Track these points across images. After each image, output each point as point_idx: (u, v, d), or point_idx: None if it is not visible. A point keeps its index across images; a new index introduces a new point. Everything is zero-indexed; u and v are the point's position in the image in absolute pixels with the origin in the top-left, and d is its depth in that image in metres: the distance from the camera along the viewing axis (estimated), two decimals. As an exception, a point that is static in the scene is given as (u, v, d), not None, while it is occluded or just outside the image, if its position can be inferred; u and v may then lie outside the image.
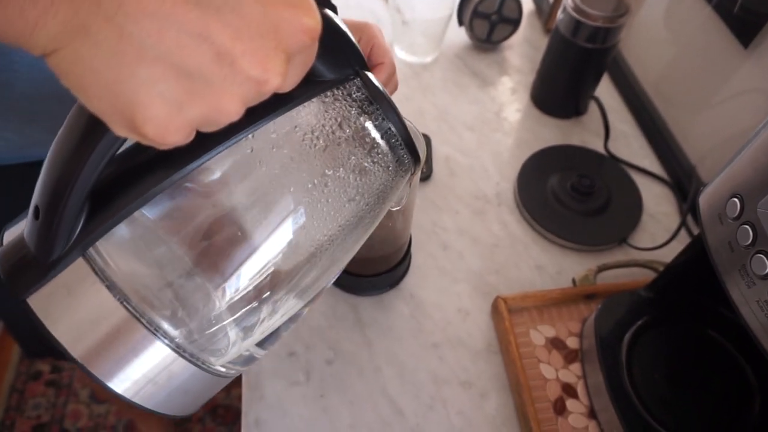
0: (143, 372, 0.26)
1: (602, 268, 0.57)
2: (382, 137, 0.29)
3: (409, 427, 0.49)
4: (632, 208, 0.64)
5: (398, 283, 0.57)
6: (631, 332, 0.49)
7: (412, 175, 0.32)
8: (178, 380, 0.27)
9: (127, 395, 0.26)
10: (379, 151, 0.29)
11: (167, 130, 0.18)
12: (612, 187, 0.65)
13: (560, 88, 0.72)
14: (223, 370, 0.30)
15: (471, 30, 0.79)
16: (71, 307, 0.24)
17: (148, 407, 0.27)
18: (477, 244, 0.61)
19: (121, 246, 0.26)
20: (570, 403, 0.50)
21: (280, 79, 0.19)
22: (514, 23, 0.79)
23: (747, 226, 0.30)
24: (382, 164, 0.30)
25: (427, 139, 0.69)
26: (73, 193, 0.22)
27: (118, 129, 0.19)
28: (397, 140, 0.30)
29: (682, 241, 0.62)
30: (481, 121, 0.73)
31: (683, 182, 0.66)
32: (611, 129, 0.72)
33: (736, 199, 0.32)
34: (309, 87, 0.26)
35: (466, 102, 0.75)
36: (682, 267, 0.49)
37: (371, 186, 0.30)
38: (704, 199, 0.36)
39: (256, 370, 0.51)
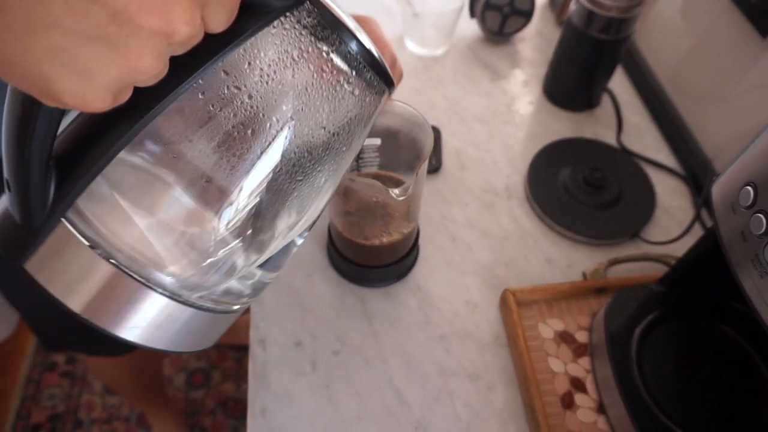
0: (145, 319, 0.27)
1: (613, 262, 0.57)
2: (343, 61, 0.28)
3: (415, 418, 0.48)
4: (645, 202, 0.63)
5: (406, 275, 0.57)
6: (642, 326, 0.49)
7: (388, 96, 0.31)
8: (180, 322, 0.29)
9: (137, 340, 0.27)
10: (343, 76, 0.28)
11: (85, 99, 0.18)
12: (624, 180, 0.64)
13: (572, 81, 0.71)
14: (224, 307, 0.31)
15: (483, 22, 0.78)
16: (63, 269, 0.25)
17: (159, 347, 0.29)
18: (486, 237, 0.60)
19: (105, 201, 0.26)
20: (578, 398, 0.49)
21: (188, 27, 0.18)
22: (527, 15, 0.78)
23: (760, 215, 0.30)
24: (348, 89, 0.29)
25: (437, 132, 0.69)
26: (32, 163, 0.22)
27: (44, 100, 0.18)
28: (361, 63, 0.28)
29: (696, 236, 0.60)
30: (492, 113, 0.72)
31: (698, 176, 0.65)
32: (624, 122, 0.71)
33: (749, 188, 0.31)
34: (252, 20, 0.23)
35: (477, 94, 0.75)
36: (695, 261, 0.48)
37: (341, 111, 0.29)
38: (717, 189, 0.35)
39: (262, 359, 0.51)
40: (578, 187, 0.62)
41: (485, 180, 0.65)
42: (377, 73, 0.29)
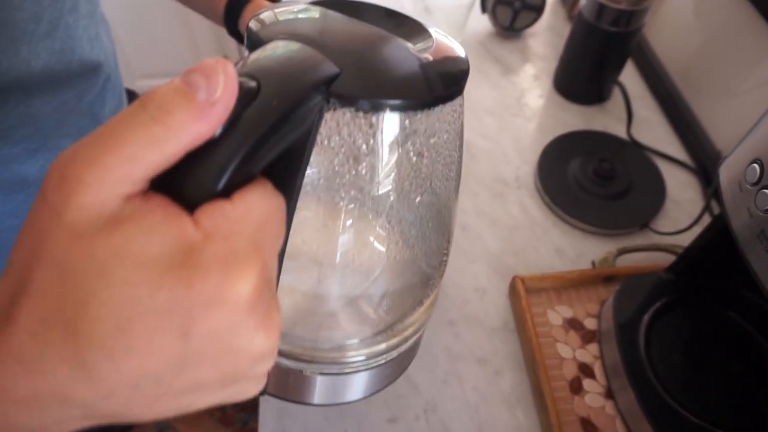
0: None
1: (622, 251, 0.57)
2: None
3: (424, 400, 0.49)
4: (655, 194, 0.63)
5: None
6: (651, 313, 0.49)
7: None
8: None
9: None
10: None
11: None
12: (634, 172, 0.64)
13: (583, 74, 0.71)
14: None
15: (494, 17, 0.79)
16: None
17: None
18: (496, 226, 0.61)
19: None
20: (587, 383, 0.49)
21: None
22: (538, 10, 0.78)
23: (767, 191, 0.30)
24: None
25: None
26: None
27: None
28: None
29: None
30: (502, 106, 0.73)
31: (708, 169, 0.65)
32: (634, 115, 0.71)
33: (756, 165, 0.31)
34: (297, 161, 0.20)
35: (487, 87, 0.75)
36: (703, 248, 0.48)
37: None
38: (724, 169, 0.35)
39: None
40: (588, 178, 0.63)
41: (495, 171, 0.66)
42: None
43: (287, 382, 0.34)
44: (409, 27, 0.26)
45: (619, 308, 0.50)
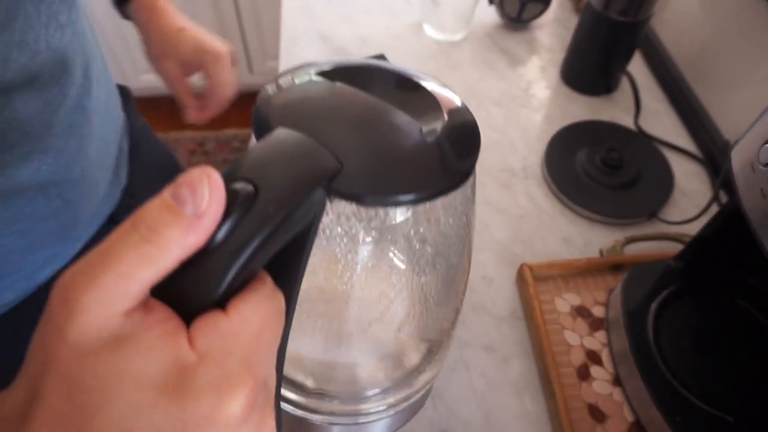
0: None
1: (630, 240, 0.57)
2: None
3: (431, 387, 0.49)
4: (663, 184, 0.63)
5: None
6: (659, 301, 0.49)
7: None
8: None
9: None
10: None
11: None
12: (642, 162, 0.64)
13: (591, 64, 0.71)
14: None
15: (501, 8, 0.79)
16: None
17: None
18: (503, 216, 0.61)
19: None
20: (594, 370, 0.49)
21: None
22: (545, 2, 0.78)
23: (780, 171, 0.30)
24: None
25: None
26: None
27: None
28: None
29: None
30: (509, 97, 0.73)
31: (717, 160, 0.65)
32: (642, 106, 0.71)
33: (769, 145, 0.31)
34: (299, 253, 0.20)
35: (494, 79, 0.75)
36: (712, 236, 0.48)
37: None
38: (736, 151, 0.35)
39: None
40: (596, 168, 0.62)
41: (502, 161, 0.66)
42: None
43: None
44: (419, 98, 0.25)
45: (627, 295, 0.50)
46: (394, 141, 0.22)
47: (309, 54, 0.77)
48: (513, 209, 0.61)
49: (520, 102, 0.72)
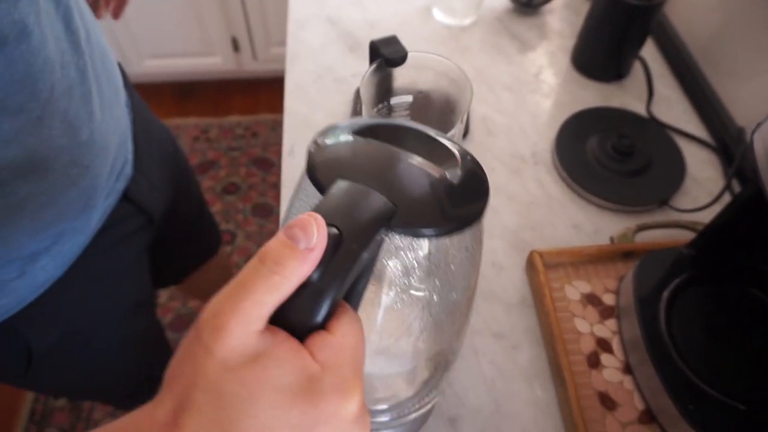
0: None
1: (642, 228, 0.56)
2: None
3: (441, 373, 0.49)
4: (675, 171, 0.62)
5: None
6: (671, 288, 0.48)
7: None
8: None
9: None
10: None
11: None
12: (653, 149, 0.63)
13: (602, 49, 0.70)
14: None
15: (511, -8, 0.78)
16: None
17: None
18: (513, 202, 0.60)
19: None
20: (604, 358, 0.49)
21: None
22: (556, -15, 0.77)
23: (805, 155, 0.29)
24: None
25: (464, 99, 0.69)
26: None
27: None
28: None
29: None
30: (520, 82, 0.72)
31: (730, 148, 0.64)
32: (654, 93, 0.70)
33: (794, 129, 0.30)
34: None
35: (504, 64, 0.74)
36: (725, 225, 0.47)
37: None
38: (759, 135, 0.34)
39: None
40: (606, 154, 0.62)
41: (512, 146, 0.65)
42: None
43: None
44: (440, 150, 0.29)
45: (639, 283, 0.49)
46: (427, 187, 0.26)
47: (316, 37, 0.76)
48: (523, 195, 0.61)
49: (530, 87, 0.71)
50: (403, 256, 0.28)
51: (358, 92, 0.69)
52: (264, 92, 1.89)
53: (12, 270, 0.46)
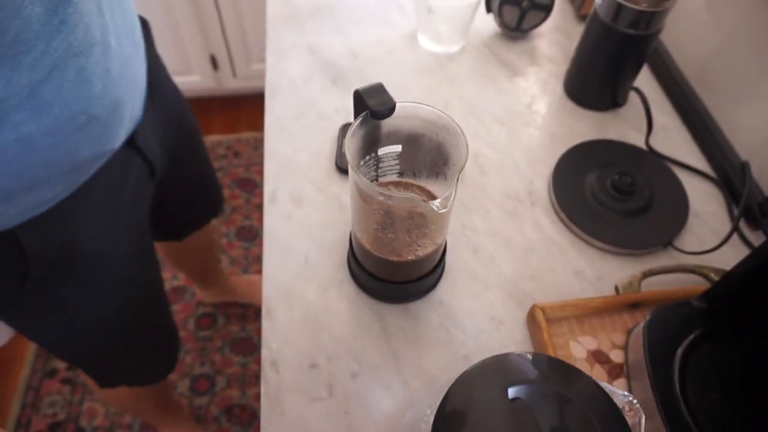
0: None
1: (647, 274, 0.53)
2: None
3: (441, 447, 0.45)
4: (677, 208, 0.59)
5: (432, 290, 0.53)
6: (684, 346, 0.45)
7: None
8: None
9: None
10: None
11: None
12: (654, 185, 0.60)
13: (597, 79, 0.67)
14: None
15: (500, 17, 0.74)
16: None
17: None
18: (510, 247, 0.57)
19: None
20: (615, 423, 0.46)
21: None
22: (546, 10, 0.74)
23: None
24: None
25: (455, 134, 0.65)
26: None
27: None
28: None
29: (733, 245, 0.57)
30: (512, 114, 0.69)
31: (732, 179, 0.61)
32: (653, 125, 0.67)
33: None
34: None
35: (494, 93, 0.71)
36: (742, 278, 0.44)
37: None
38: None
39: (275, 382, 0.48)
40: (606, 193, 0.59)
41: (507, 185, 0.62)
42: None
43: None
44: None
45: (649, 341, 0.46)
46: None
47: (297, 69, 0.72)
48: (520, 240, 0.57)
49: (523, 119, 0.68)
50: None
51: (342, 129, 0.65)
52: (245, 109, 1.84)
53: (19, 183, 0.47)
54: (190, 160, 0.81)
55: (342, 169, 0.61)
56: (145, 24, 0.64)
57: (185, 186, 0.83)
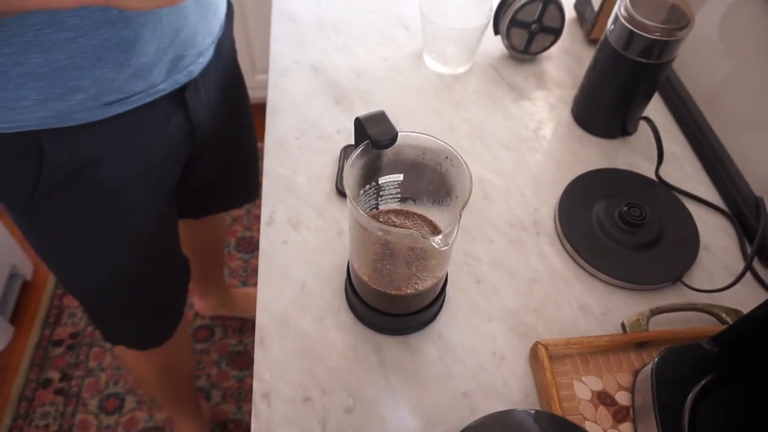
0: None
1: (656, 312, 0.51)
2: None
3: (437, 491, 0.43)
4: (688, 243, 0.58)
5: (431, 322, 0.52)
6: (695, 393, 0.43)
7: None
8: None
9: None
10: None
11: None
12: (664, 217, 0.58)
13: (606, 106, 0.65)
14: None
15: (508, 39, 0.73)
16: None
17: None
18: (513, 279, 0.55)
19: None
20: (620, 471, 0.44)
21: None
22: (556, 33, 0.72)
23: None
24: None
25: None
26: None
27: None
28: None
29: (746, 283, 0.55)
30: (518, 139, 0.67)
31: (744, 212, 0.60)
32: (663, 156, 0.66)
33: None
34: None
35: (501, 117, 0.69)
36: (757, 323, 0.42)
37: None
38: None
39: (266, 415, 0.46)
40: (614, 225, 0.57)
41: (511, 213, 0.60)
42: None
43: None
44: None
45: (657, 386, 0.44)
46: None
47: (299, 87, 0.71)
48: (524, 271, 0.56)
49: (529, 145, 0.67)
50: None
51: (344, 150, 0.64)
52: (250, 119, 1.83)
53: (54, 91, 0.48)
54: (231, 137, 0.80)
55: (342, 193, 0.60)
56: (230, 6, 0.69)
57: (220, 162, 0.80)
